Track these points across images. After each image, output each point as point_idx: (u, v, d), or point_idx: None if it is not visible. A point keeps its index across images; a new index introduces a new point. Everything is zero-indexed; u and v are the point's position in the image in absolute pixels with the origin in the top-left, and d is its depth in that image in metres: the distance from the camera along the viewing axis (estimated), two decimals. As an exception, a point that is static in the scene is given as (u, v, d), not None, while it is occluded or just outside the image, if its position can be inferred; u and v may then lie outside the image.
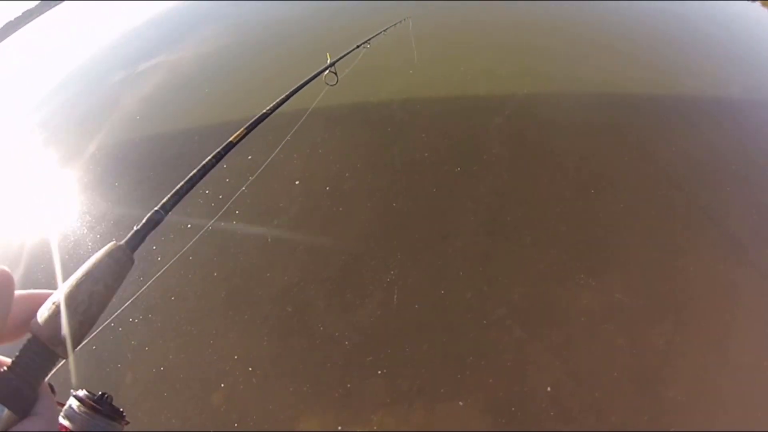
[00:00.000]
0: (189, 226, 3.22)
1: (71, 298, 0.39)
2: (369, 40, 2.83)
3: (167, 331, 2.78)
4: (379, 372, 2.36)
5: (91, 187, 4.19)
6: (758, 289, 2.71)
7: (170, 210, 0.61)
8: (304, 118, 2.31)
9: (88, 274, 0.41)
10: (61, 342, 0.37)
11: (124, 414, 0.42)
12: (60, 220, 3.94)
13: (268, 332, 2.63)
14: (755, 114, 4.28)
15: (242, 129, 1.05)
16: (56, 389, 0.40)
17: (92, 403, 0.40)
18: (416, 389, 2.30)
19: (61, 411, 0.39)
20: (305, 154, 3.75)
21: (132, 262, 0.46)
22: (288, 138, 3.43)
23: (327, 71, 2.01)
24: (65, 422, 0.39)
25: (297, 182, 3.48)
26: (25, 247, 3.82)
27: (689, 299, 2.64)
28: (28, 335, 0.37)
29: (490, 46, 5.54)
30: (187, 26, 9.28)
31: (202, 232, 3.08)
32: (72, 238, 3.62)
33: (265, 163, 3.31)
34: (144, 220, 0.55)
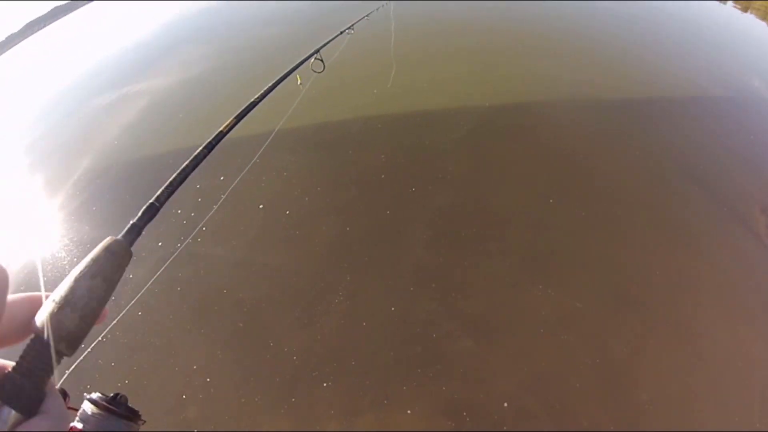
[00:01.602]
0: (159, 244, 3.41)
1: (71, 293, 0.39)
2: (352, 25, 2.85)
3: (134, 346, 2.94)
4: (325, 384, 2.48)
5: (71, 212, 4.33)
6: (718, 283, 2.84)
7: (165, 201, 0.62)
8: (285, 118, 2.43)
9: (86, 269, 0.41)
10: (63, 338, 0.37)
11: (140, 413, 0.42)
12: (42, 242, 4.04)
13: (222, 346, 2.77)
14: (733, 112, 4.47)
15: (232, 118, 1.02)
16: (69, 394, 0.40)
17: (106, 405, 0.40)
18: (364, 399, 2.41)
19: (73, 414, 0.39)
20: (271, 177, 3.90)
21: (130, 255, 0.46)
22: (256, 159, 3.64)
23: (313, 58, 1.99)
24: (78, 425, 0.39)
25: (261, 206, 3.62)
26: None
27: (652, 305, 2.72)
28: (32, 335, 0.37)
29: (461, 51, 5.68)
30: (165, 48, 9.32)
31: (176, 253, 3.22)
32: (54, 262, 3.75)
33: (233, 185, 3.50)
34: (140, 213, 0.55)
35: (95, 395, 0.41)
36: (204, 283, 3.14)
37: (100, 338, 2.91)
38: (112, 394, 0.42)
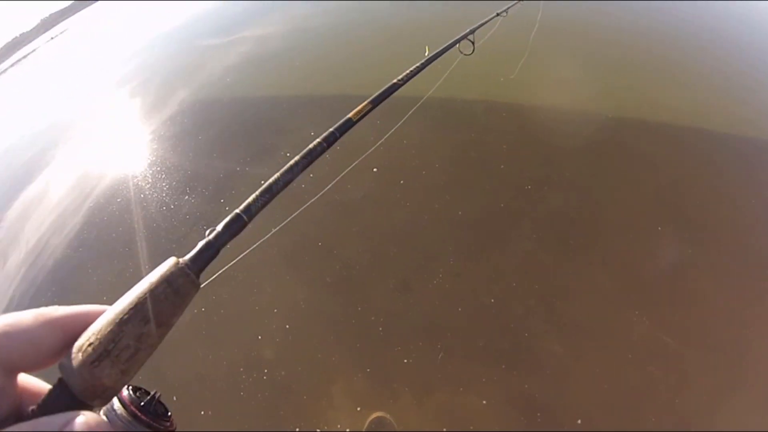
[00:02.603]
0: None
1: (113, 341, 0.31)
2: (507, 9, 2.67)
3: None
4: (405, 361, 2.43)
5: (174, 141, 4.43)
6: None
7: (256, 214, 0.48)
8: (433, 89, 2.26)
9: (137, 309, 0.33)
10: (98, 396, 0.31)
11: (170, 417, 0.37)
12: (139, 174, 4.16)
13: (307, 297, 2.77)
14: None
15: (366, 103, 0.83)
16: None
17: (134, 409, 0.34)
18: (441, 383, 2.35)
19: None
20: (392, 143, 3.79)
21: (197, 288, 0.37)
22: (399, 125, 3.56)
23: (464, 39, 1.82)
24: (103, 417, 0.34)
25: (375, 169, 3.50)
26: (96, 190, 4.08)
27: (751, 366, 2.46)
28: (59, 376, 0.31)
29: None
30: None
31: (284, 223, 3.22)
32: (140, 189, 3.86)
33: (370, 150, 3.42)
34: (219, 228, 0.42)
35: (126, 391, 0.34)
36: (299, 232, 3.10)
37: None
38: (146, 396, 0.35)
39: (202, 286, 0.38)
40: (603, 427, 2.21)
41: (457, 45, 1.81)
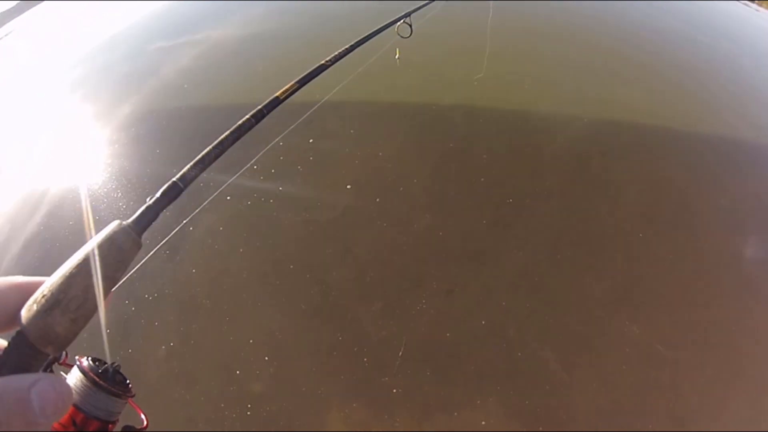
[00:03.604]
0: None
1: (62, 292, 0.34)
2: None
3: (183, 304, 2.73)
4: (395, 391, 2.33)
5: (129, 150, 4.09)
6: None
7: (191, 182, 0.53)
8: (363, 67, 2.14)
9: (84, 263, 0.36)
10: (51, 342, 0.33)
11: (129, 386, 0.40)
12: (86, 181, 3.89)
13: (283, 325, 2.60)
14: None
15: (293, 82, 0.89)
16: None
17: (95, 377, 0.37)
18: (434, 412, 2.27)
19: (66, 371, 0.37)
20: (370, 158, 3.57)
21: (138, 246, 0.41)
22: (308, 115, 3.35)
23: (401, 22, 1.83)
24: (77, 406, 0.37)
25: (348, 186, 3.30)
26: (43, 200, 3.76)
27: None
28: (17, 329, 0.34)
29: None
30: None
31: (222, 187, 3.02)
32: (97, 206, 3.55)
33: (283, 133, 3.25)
34: (158, 194, 0.48)
35: (86, 361, 0.38)
36: (269, 256, 2.92)
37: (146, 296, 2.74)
38: (104, 365, 0.39)
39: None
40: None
41: (395, 28, 1.81)
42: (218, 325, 2.66)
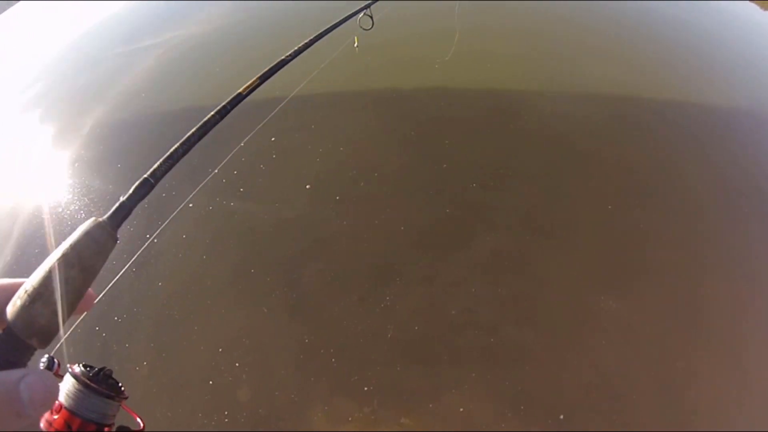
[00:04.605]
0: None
1: (43, 285, 0.36)
2: None
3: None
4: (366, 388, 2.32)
5: (92, 168, 3.99)
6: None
7: (162, 177, 0.55)
8: (328, 61, 2.07)
9: (63, 258, 0.38)
10: (35, 334, 0.35)
11: (122, 389, 0.41)
12: (53, 200, 3.78)
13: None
14: None
15: (255, 78, 0.90)
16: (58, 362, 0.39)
17: (87, 380, 0.38)
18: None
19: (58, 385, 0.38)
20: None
21: (115, 240, 0.43)
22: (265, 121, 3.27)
23: (362, 14, 1.85)
24: (61, 398, 0.38)
25: (308, 186, 3.22)
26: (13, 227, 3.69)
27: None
28: (3, 326, 0.35)
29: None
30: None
31: (182, 205, 2.97)
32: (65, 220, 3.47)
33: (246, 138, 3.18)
34: (130, 191, 0.50)
35: (78, 368, 0.40)
36: (228, 259, 2.88)
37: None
38: (96, 369, 0.40)
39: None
40: (586, 415, 2.21)
41: (357, 20, 1.81)
42: (189, 335, 2.63)
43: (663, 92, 4.31)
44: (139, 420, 0.48)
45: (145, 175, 0.52)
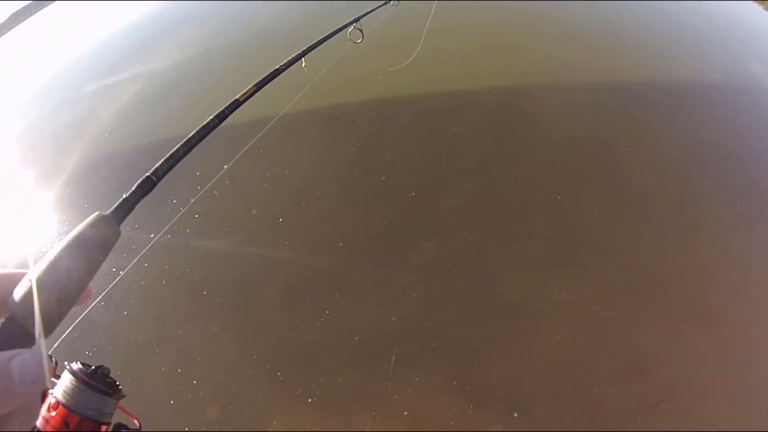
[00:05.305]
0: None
1: (49, 274, 0.37)
2: None
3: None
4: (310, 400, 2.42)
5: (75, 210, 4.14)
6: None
7: (164, 176, 0.57)
8: (323, 72, 2.23)
9: (67, 248, 0.39)
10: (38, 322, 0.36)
11: (120, 387, 0.41)
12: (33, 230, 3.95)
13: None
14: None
15: (251, 86, 0.92)
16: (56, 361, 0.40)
17: (85, 378, 0.38)
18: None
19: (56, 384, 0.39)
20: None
21: (118, 233, 0.44)
22: (253, 143, 3.42)
23: (352, 27, 1.89)
24: (59, 395, 0.38)
25: (254, 211, 3.37)
26: None
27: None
28: (7, 314, 0.36)
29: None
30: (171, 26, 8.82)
31: (156, 237, 3.11)
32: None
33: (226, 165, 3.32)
34: (134, 187, 0.51)
35: (76, 366, 0.40)
36: (179, 286, 3.03)
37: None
38: (93, 367, 0.40)
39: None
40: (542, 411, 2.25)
41: (347, 33, 1.86)
42: (151, 358, 2.80)
43: (616, 74, 4.42)
44: (136, 421, 0.48)
45: (148, 173, 0.54)
